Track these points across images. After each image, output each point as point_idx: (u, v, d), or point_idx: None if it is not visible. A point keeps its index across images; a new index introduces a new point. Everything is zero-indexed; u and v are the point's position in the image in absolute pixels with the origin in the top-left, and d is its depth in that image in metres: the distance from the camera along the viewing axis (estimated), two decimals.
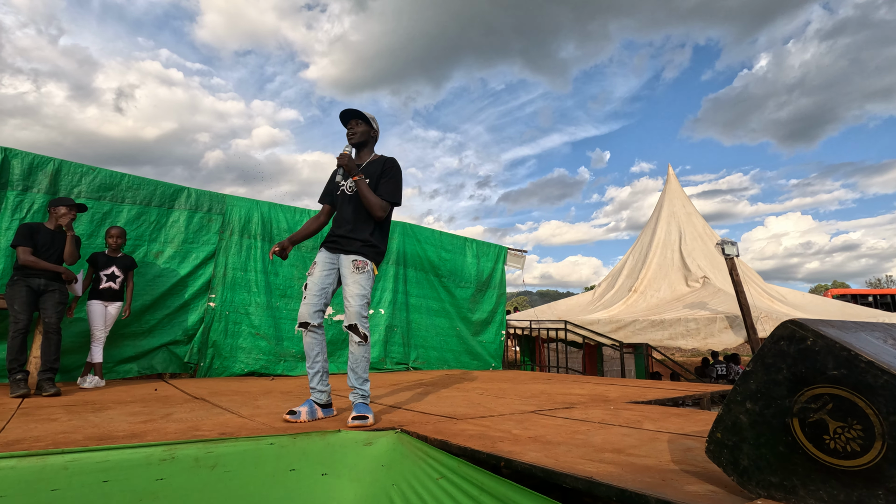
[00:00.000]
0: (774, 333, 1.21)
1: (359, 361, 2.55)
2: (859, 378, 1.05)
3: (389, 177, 2.72)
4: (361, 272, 2.58)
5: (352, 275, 2.57)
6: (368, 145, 2.84)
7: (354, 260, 2.60)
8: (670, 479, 1.44)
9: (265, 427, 2.24)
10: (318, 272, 2.65)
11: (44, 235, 3.67)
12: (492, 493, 1.56)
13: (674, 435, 2.14)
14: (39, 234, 3.65)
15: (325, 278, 2.64)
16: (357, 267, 2.58)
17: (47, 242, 3.67)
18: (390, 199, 2.70)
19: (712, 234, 11.27)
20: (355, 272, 2.57)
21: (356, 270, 2.58)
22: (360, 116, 2.77)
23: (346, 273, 2.60)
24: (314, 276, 2.64)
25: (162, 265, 4.94)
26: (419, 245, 6.95)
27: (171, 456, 1.71)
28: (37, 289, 3.54)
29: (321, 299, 2.61)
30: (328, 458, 1.97)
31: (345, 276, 2.60)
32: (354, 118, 2.78)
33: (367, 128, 2.79)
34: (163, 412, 2.68)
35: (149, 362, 4.78)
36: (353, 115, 2.77)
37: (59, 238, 3.76)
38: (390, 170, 2.74)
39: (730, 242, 7.78)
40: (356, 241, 2.65)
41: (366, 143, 2.82)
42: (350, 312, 2.52)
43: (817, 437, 1.10)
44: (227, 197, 5.50)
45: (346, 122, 2.79)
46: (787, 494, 1.15)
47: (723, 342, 7.61)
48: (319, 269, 2.66)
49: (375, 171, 2.72)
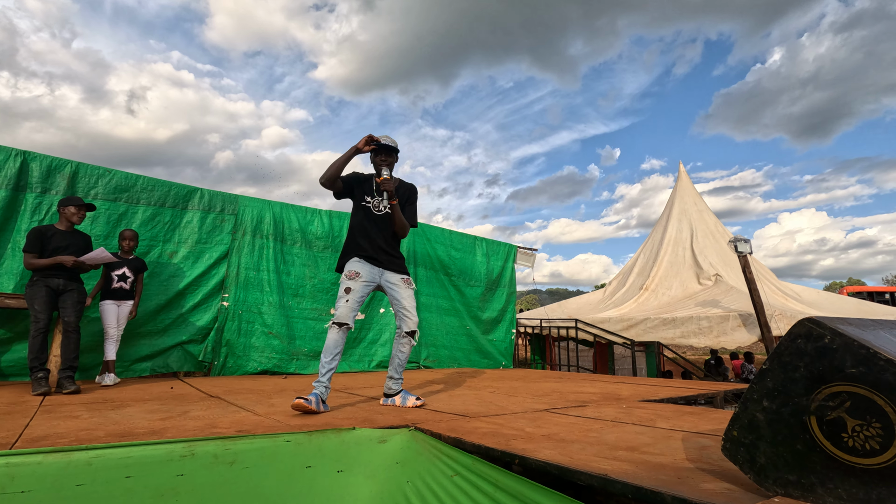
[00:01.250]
0: (792, 331, 1.21)
1: (406, 359, 3.09)
2: (878, 376, 1.05)
3: (413, 204, 3.24)
4: (411, 287, 3.07)
5: (406, 289, 3.03)
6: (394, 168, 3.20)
7: (404, 277, 3.06)
8: (686, 476, 1.44)
9: (281, 425, 2.28)
10: (361, 283, 2.94)
11: (57, 238, 3.71)
12: (507, 491, 1.57)
13: (688, 433, 2.14)
14: (53, 238, 3.69)
15: (365, 288, 2.96)
16: (408, 283, 3.06)
17: (61, 245, 3.70)
18: (413, 224, 3.19)
19: (724, 231, 11.15)
20: (408, 287, 3.05)
21: (408, 286, 3.05)
22: (396, 151, 3.14)
23: (398, 287, 3.03)
24: (358, 285, 2.93)
25: (176, 265, 5.01)
26: (429, 244, 6.97)
27: (191, 452, 1.74)
28: (56, 288, 3.61)
29: (359, 305, 2.95)
30: (343, 455, 2.00)
31: (397, 289, 3.02)
32: (394, 153, 3.12)
33: (397, 157, 3.14)
34: (180, 410, 2.73)
35: (164, 361, 4.85)
36: (393, 151, 3.11)
37: (74, 238, 3.81)
38: (413, 196, 3.25)
39: (743, 240, 7.70)
40: (400, 260, 3.11)
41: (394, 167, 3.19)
42: (412, 321, 2.99)
43: (835, 435, 1.10)
44: (239, 197, 5.56)
45: (388, 153, 3.07)
46: (805, 492, 1.15)
47: (736, 340, 7.54)
48: (363, 281, 2.95)
49: (402, 196, 3.17)
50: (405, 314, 2.99)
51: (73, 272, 3.73)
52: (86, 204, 3.90)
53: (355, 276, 2.93)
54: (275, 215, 5.75)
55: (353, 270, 2.95)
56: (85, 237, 3.94)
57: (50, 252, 3.64)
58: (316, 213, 6.08)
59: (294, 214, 5.92)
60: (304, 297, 5.75)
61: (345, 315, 2.84)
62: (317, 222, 6.03)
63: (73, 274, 3.73)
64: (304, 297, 5.76)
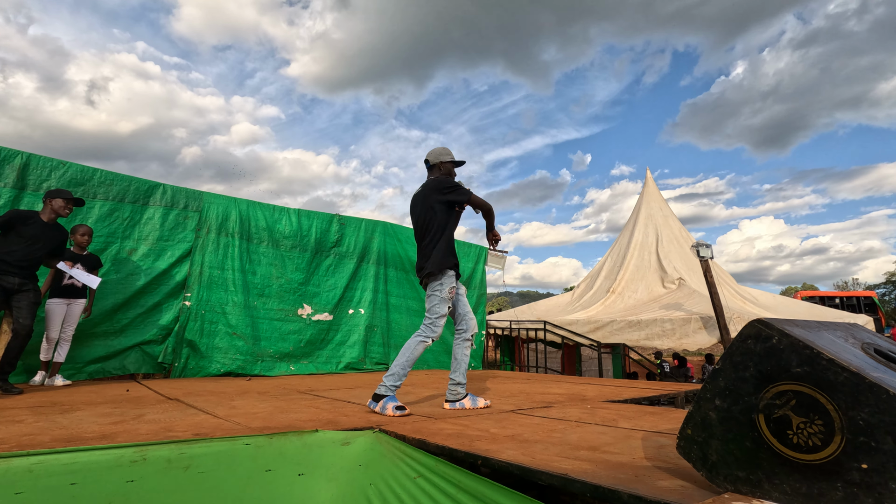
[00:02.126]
0: (742, 332, 1.25)
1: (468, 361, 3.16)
2: (821, 375, 1.10)
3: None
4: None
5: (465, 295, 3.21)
6: None
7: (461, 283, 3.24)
8: (643, 475, 1.47)
9: (241, 427, 2.21)
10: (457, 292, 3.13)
11: (34, 226, 3.53)
12: (469, 492, 1.57)
13: (648, 433, 2.19)
14: (32, 225, 3.51)
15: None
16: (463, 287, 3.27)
17: (36, 234, 3.52)
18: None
19: (688, 236, 11.52)
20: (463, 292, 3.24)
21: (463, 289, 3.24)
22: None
23: (462, 292, 3.19)
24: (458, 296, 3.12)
25: (135, 263, 4.83)
26: (400, 244, 6.93)
27: (143, 457, 1.67)
28: (10, 287, 3.41)
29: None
30: (305, 458, 1.96)
31: (463, 297, 3.17)
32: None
33: None
34: (135, 413, 2.62)
35: (121, 362, 4.66)
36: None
37: (53, 231, 3.65)
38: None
39: (704, 245, 7.97)
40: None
41: None
42: (475, 323, 3.13)
43: (781, 432, 1.14)
44: (204, 194, 5.41)
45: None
46: (753, 488, 1.19)
47: (697, 342, 7.79)
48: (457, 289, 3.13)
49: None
50: (470, 317, 3.11)
51: (31, 269, 3.53)
52: (74, 198, 3.80)
53: (453, 294, 3.05)
54: (241, 213, 5.61)
55: (454, 287, 3.06)
56: (63, 233, 3.80)
57: (26, 239, 3.46)
58: (284, 212, 5.97)
59: (261, 212, 5.79)
60: (270, 298, 5.63)
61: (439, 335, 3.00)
62: (285, 221, 5.92)
63: (31, 272, 3.53)
64: (271, 298, 5.64)
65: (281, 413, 2.70)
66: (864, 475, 1.02)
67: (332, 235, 6.23)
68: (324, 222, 6.19)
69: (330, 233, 6.21)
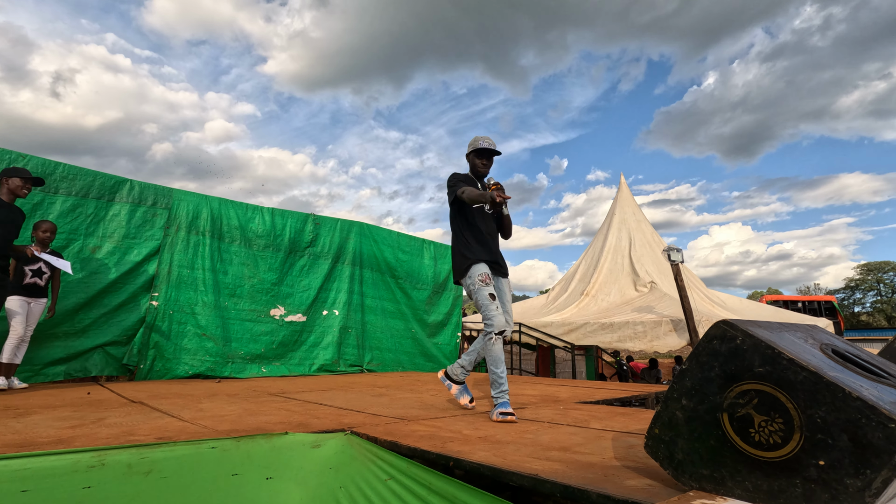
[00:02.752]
0: (708, 333, 1.28)
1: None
2: (781, 374, 1.13)
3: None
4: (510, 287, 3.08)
5: (510, 292, 3.03)
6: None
7: (506, 279, 3.04)
8: (612, 474, 1.49)
9: (207, 430, 2.15)
10: (493, 283, 2.88)
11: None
12: (440, 493, 1.56)
13: (618, 433, 2.22)
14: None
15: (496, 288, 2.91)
16: (509, 283, 3.07)
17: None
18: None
19: (660, 241, 11.78)
20: (509, 288, 3.05)
21: (509, 286, 3.06)
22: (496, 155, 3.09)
23: (505, 289, 2.99)
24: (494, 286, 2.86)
25: (100, 261, 4.66)
26: (376, 246, 6.89)
27: (101, 462, 1.61)
28: None
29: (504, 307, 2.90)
30: (273, 461, 1.91)
31: (503, 293, 2.96)
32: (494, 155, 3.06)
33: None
34: (95, 417, 2.52)
35: (82, 364, 4.49)
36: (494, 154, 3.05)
37: (10, 212, 3.48)
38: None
39: (675, 249, 8.16)
40: (506, 266, 3.07)
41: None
42: (512, 318, 2.94)
43: (744, 430, 1.17)
44: (174, 191, 5.26)
45: (489, 158, 3.05)
46: (717, 485, 1.21)
47: (667, 344, 7.96)
48: (494, 281, 2.89)
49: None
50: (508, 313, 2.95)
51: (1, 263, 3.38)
52: (33, 178, 3.61)
53: (487, 280, 2.82)
54: (212, 211, 5.48)
55: (486, 273, 2.84)
56: (21, 214, 3.62)
57: None
58: (257, 211, 5.86)
59: (234, 211, 5.67)
60: (241, 298, 5.51)
61: (502, 322, 2.72)
62: (258, 220, 5.81)
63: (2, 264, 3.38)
64: (242, 298, 5.52)
65: (250, 415, 2.63)
66: (821, 471, 1.05)
67: (307, 235, 6.14)
68: (298, 222, 6.10)
69: (304, 233, 6.12)
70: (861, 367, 1.27)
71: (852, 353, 1.37)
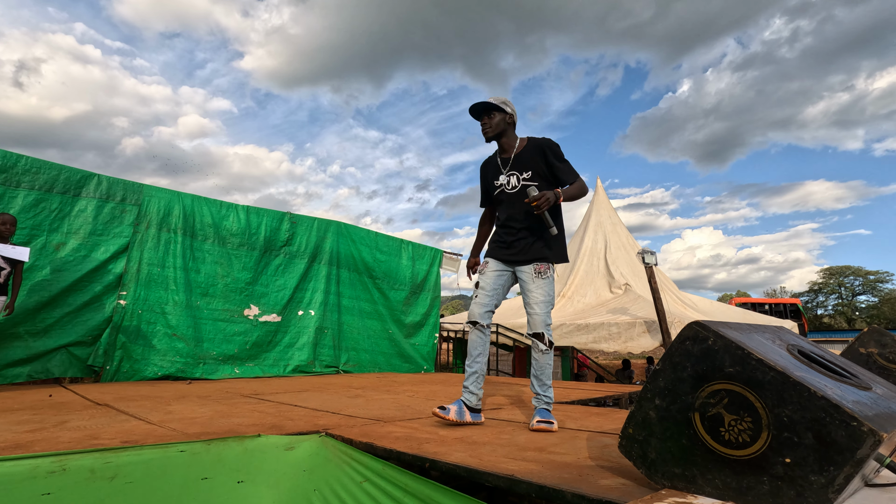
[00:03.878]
0: (681, 334, 1.30)
1: (543, 369, 2.43)
2: (750, 374, 1.15)
3: (562, 159, 2.48)
4: (544, 277, 2.42)
5: (535, 280, 2.41)
6: (508, 132, 2.56)
7: (536, 265, 2.43)
8: (587, 474, 1.50)
9: (176, 433, 2.09)
10: (490, 271, 2.53)
11: None
12: (415, 495, 1.55)
13: (593, 433, 2.24)
14: None
15: (497, 278, 2.52)
16: (539, 272, 2.42)
17: None
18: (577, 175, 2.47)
19: (635, 244, 12.01)
20: (538, 278, 2.41)
21: (538, 276, 2.41)
22: (491, 109, 2.51)
23: (526, 279, 2.44)
24: (487, 276, 2.53)
25: (63, 258, 4.48)
26: (353, 245, 6.82)
27: (62, 468, 1.54)
28: None
29: (493, 299, 2.50)
30: (245, 464, 1.87)
31: (526, 283, 2.45)
32: (486, 113, 2.52)
33: (502, 116, 2.52)
34: (56, 420, 2.42)
35: (44, 366, 4.31)
36: (483, 110, 2.51)
37: None
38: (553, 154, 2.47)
39: (649, 252, 8.33)
40: (537, 244, 2.45)
41: (505, 131, 2.54)
42: (535, 321, 2.39)
43: (714, 429, 1.19)
44: (144, 187, 5.10)
45: (478, 118, 2.54)
46: (689, 484, 1.24)
47: (641, 345, 8.12)
48: (492, 269, 2.53)
49: (537, 158, 2.48)
50: (528, 312, 2.44)
51: None
52: None
53: (483, 267, 2.56)
54: (185, 208, 5.33)
55: (484, 261, 2.58)
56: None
57: None
58: (232, 208, 5.73)
59: (207, 208, 5.53)
60: (214, 297, 5.38)
61: (474, 312, 2.46)
62: (232, 217, 5.68)
63: None
64: (215, 297, 5.39)
65: (222, 418, 2.57)
66: (788, 469, 1.08)
67: (283, 234, 6.04)
68: (274, 220, 5.99)
69: (280, 231, 6.02)
70: (825, 367, 1.32)
71: (817, 354, 1.41)
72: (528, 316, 2.42)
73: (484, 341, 2.49)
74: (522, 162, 2.50)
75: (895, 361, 2.16)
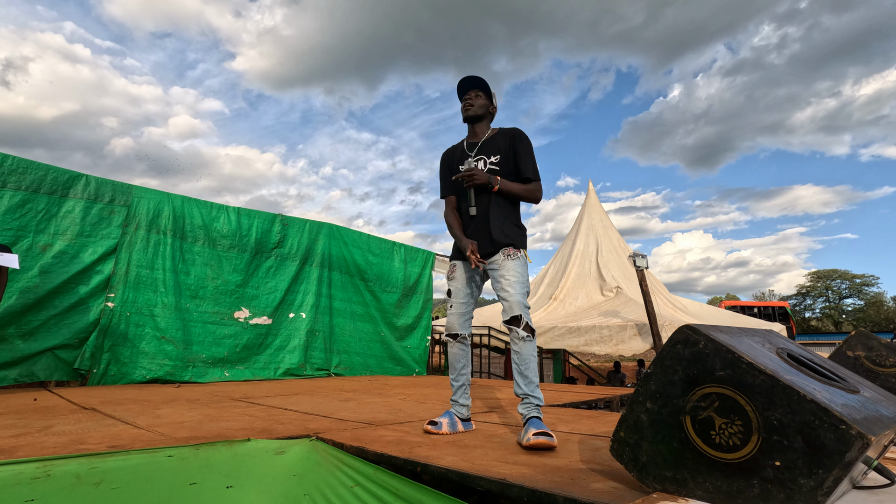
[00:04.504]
0: (672, 338, 1.31)
1: (527, 362, 2.15)
2: (741, 378, 1.16)
3: (526, 153, 2.37)
4: (514, 258, 2.26)
5: (504, 264, 2.25)
6: (485, 121, 2.51)
7: (504, 250, 2.29)
8: (578, 477, 1.50)
9: (164, 438, 2.06)
10: (460, 275, 2.41)
11: None
12: (407, 499, 1.54)
13: (584, 436, 2.25)
14: None
15: (469, 281, 2.41)
16: (508, 255, 2.27)
17: None
18: (537, 177, 2.37)
19: (626, 247, 12.08)
20: (507, 259, 2.26)
21: (507, 258, 2.26)
22: (483, 87, 2.44)
23: (496, 265, 2.28)
24: (458, 281, 2.40)
25: (50, 260, 4.42)
26: (345, 248, 6.80)
27: (46, 473, 1.51)
28: None
29: (468, 305, 2.39)
30: (235, 469, 1.85)
31: (496, 269, 2.28)
32: (476, 88, 2.43)
33: (486, 101, 2.46)
34: (41, 425, 2.38)
35: (29, 369, 4.24)
36: (475, 85, 2.42)
37: None
38: (522, 143, 2.38)
39: (640, 255, 8.39)
40: (501, 240, 2.30)
41: (482, 117, 2.49)
42: (511, 303, 2.16)
43: (705, 432, 1.20)
44: (133, 188, 5.05)
45: (463, 93, 2.44)
46: (680, 487, 1.24)
47: (632, 348, 8.16)
48: (461, 272, 2.41)
49: (501, 147, 2.40)
50: (502, 297, 2.22)
51: None
52: None
53: (452, 272, 2.43)
54: (175, 209, 5.29)
55: (452, 265, 2.45)
56: None
57: None
58: (222, 210, 5.69)
59: (197, 209, 5.48)
60: (204, 300, 5.33)
61: (452, 324, 2.35)
62: (223, 219, 5.64)
63: None
64: (205, 300, 5.34)
65: (211, 422, 2.54)
66: (777, 472, 1.09)
67: (274, 236, 6.00)
68: (265, 222, 5.95)
69: (271, 233, 5.98)
70: (814, 370, 1.33)
71: (806, 357, 1.43)
72: (501, 302, 2.23)
73: (466, 352, 2.40)
74: (492, 146, 2.42)
75: (882, 364, 2.19)
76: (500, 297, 2.24)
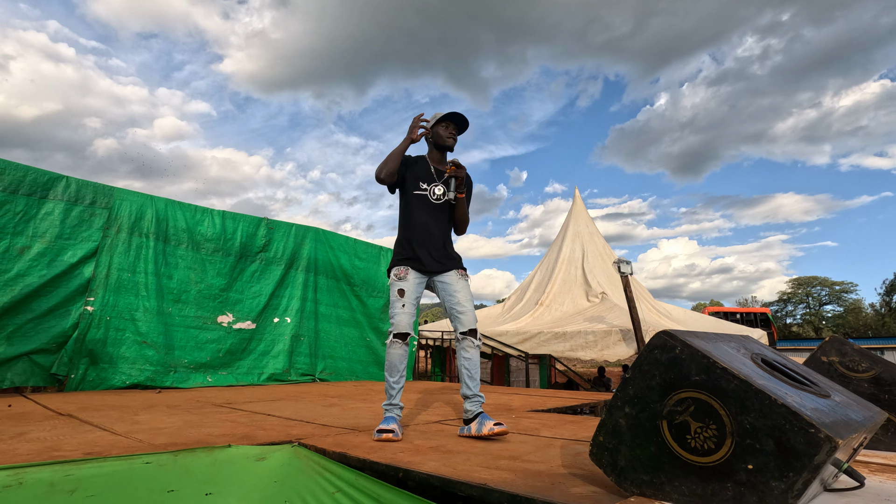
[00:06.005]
0: (650, 343, 1.33)
1: (477, 366, 2.48)
2: (715, 383, 1.19)
3: (471, 192, 2.74)
4: (466, 279, 2.58)
5: (459, 282, 2.54)
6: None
7: (458, 270, 2.58)
8: (559, 482, 1.51)
9: (142, 445, 2.03)
10: (412, 278, 2.51)
11: None
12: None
13: (566, 441, 2.26)
14: None
15: (418, 287, 2.55)
16: (462, 275, 2.57)
17: None
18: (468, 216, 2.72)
19: (612, 253, 12.21)
20: (461, 279, 2.55)
21: (462, 277, 2.56)
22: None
23: (450, 281, 2.53)
24: (410, 283, 2.49)
25: (28, 262, 4.32)
26: (332, 252, 6.76)
27: (18, 482, 1.48)
28: None
29: (416, 307, 2.53)
30: (214, 476, 1.82)
31: (450, 284, 2.53)
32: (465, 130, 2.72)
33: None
34: (15, 431, 2.33)
35: (4, 374, 4.13)
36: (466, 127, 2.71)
37: None
38: (470, 184, 2.72)
39: (625, 261, 8.48)
40: (454, 258, 2.61)
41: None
42: (469, 317, 2.46)
43: (681, 437, 1.22)
44: (115, 190, 4.97)
45: (459, 129, 2.69)
46: (657, 491, 1.26)
47: (616, 354, 8.24)
48: (413, 275, 2.52)
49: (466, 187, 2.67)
50: (458, 311, 2.47)
51: None
52: None
53: (404, 273, 2.49)
54: (158, 212, 5.22)
55: (403, 268, 2.52)
56: None
57: None
58: (207, 213, 5.62)
59: (181, 213, 5.42)
60: (187, 304, 5.25)
61: (405, 323, 2.42)
62: (207, 223, 5.58)
63: None
64: (188, 304, 5.26)
65: (191, 428, 2.51)
66: (750, 475, 1.11)
67: (259, 240, 5.95)
68: (250, 226, 5.90)
69: (257, 237, 5.93)
70: (787, 375, 1.36)
71: (779, 363, 1.46)
72: (458, 315, 2.47)
73: (405, 354, 2.49)
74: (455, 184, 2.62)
75: (854, 369, 2.25)
76: (456, 310, 2.49)
